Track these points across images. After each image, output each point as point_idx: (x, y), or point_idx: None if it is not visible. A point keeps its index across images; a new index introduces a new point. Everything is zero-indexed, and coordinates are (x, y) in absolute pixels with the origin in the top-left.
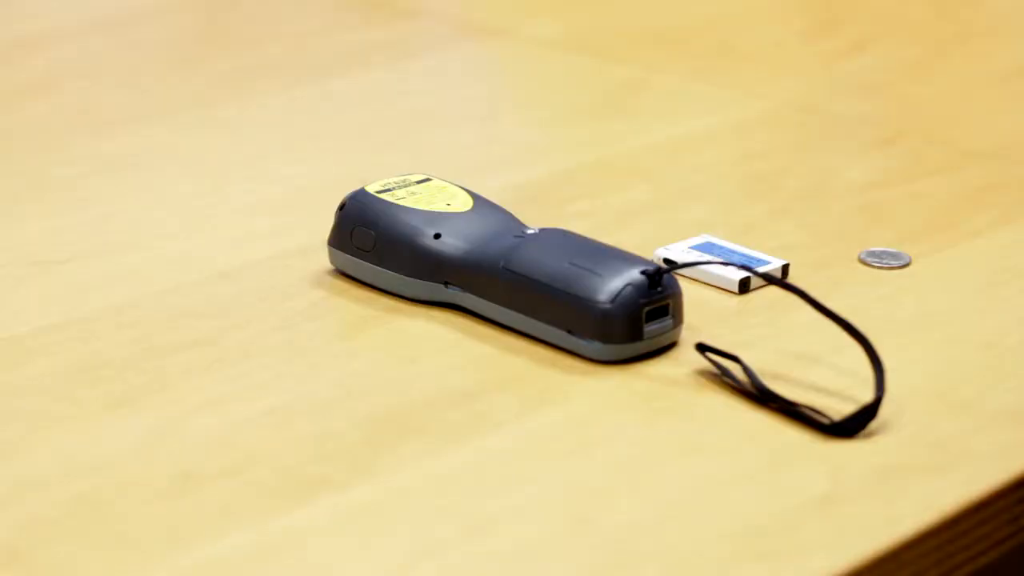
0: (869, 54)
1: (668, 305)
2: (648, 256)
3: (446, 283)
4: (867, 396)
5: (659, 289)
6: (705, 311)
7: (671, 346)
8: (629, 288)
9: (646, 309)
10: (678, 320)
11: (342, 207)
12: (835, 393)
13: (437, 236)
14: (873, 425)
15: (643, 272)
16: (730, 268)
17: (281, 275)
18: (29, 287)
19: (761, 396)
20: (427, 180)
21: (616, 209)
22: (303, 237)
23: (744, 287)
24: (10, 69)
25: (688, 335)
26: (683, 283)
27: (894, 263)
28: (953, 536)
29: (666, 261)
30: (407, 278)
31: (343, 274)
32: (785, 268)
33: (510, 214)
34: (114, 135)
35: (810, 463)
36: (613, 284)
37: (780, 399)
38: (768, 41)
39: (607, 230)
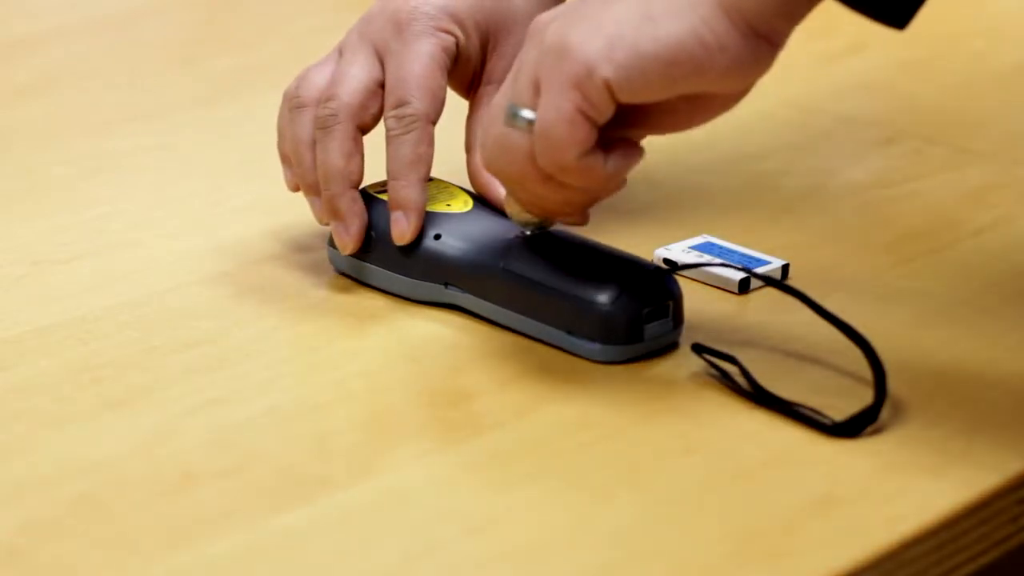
0: (869, 54)
1: (668, 306)
2: (648, 256)
3: (446, 284)
4: (867, 396)
5: (659, 290)
6: (705, 311)
7: (671, 346)
8: (629, 289)
9: (646, 310)
10: (678, 321)
11: None
12: (835, 393)
13: (437, 237)
14: (873, 425)
15: (643, 273)
16: (730, 268)
17: (281, 275)
18: (29, 287)
19: (758, 397)
20: (427, 180)
21: (616, 209)
22: (303, 237)
23: (744, 287)
24: (10, 69)
25: (688, 335)
26: (683, 283)
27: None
28: (953, 536)
29: (666, 261)
30: (407, 278)
31: (343, 274)
32: (785, 268)
33: None
34: (114, 135)
35: (810, 463)
36: (613, 285)
37: (777, 400)
38: None
39: (607, 230)
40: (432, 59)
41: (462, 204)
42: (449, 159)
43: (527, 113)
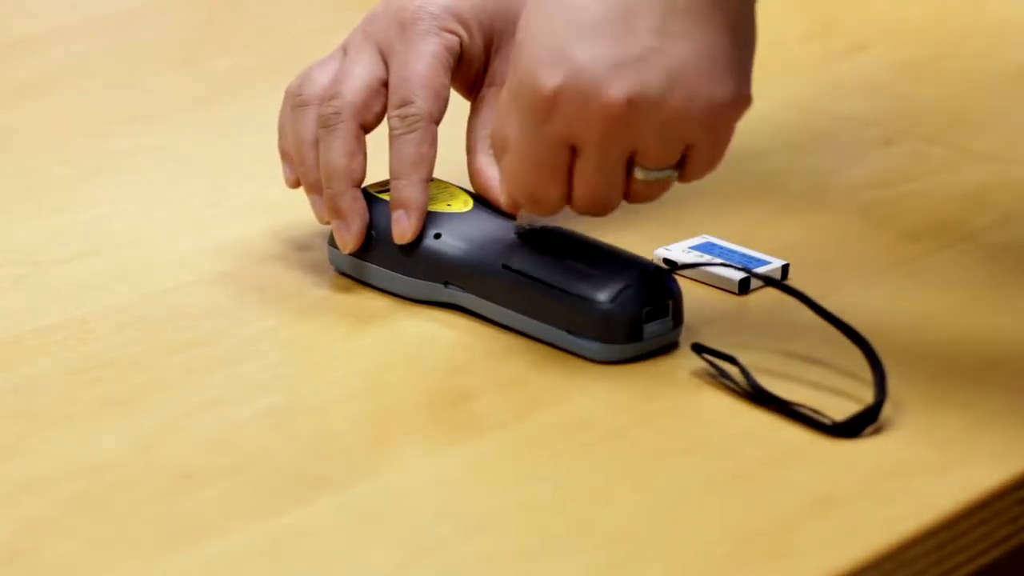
0: (869, 55)
1: (668, 306)
2: (648, 256)
3: (446, 283)
4: (867, 396)
5: (659, 290)
6: (705, 311)
7: (671, 346)
8: (629, 289)
9: (646, 309)
10: (678, 320)
11: None
12: (835, 393)
13: (437, 236)
14: (873, 425)
15: (643, 272)
16: (730, 268)
17: (281, 275)
18: (29, 287)
19: (758, 397)
20: (429, 180)
21: (616, 209)
22: (303, 237)
23: (744, 287)
24: (10, 69)
25: (688, 335)
26: (683, 283)
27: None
28: (953, 536)
29: (666, 261)
30: (407, 278)
31: (343, 274)
32: (785, 268)
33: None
34: (114, 135)
35: (810, 463)
36: (613, 284)
37: (777, 400)
38: (768, 41)
39: (607, 230)
40: (436, 59)
41: (462, 204)
42: (451, 159)
43: (671, 171)
